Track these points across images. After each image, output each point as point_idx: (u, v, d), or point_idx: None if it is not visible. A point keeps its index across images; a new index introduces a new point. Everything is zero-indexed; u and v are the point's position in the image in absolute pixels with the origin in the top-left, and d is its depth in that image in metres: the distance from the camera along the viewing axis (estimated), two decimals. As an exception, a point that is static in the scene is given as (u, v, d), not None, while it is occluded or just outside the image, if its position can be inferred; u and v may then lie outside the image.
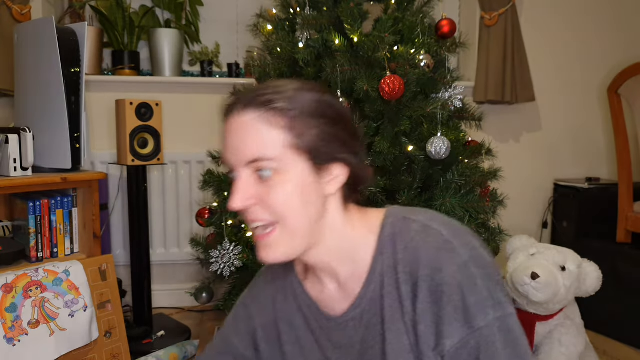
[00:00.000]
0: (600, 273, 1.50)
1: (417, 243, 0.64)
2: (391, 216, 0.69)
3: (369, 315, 0.68)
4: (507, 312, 0.62)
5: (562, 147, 2.55)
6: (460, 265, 0.61)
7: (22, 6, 1.92)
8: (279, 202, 0.63)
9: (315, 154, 0.63)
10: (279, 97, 0.63)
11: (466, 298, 0.60)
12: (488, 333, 0.60)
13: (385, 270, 0.66)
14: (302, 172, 0.63)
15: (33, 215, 1.59)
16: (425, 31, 1.50)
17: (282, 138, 0.62)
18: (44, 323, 1.35)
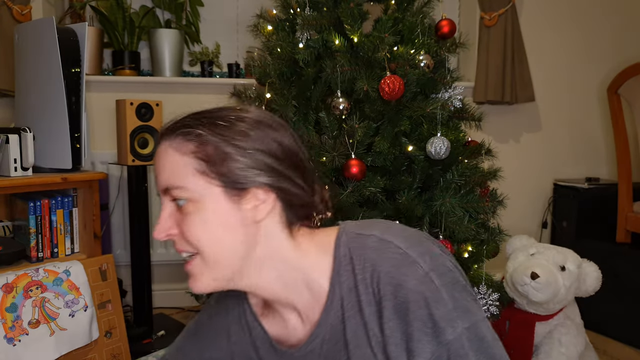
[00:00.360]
0: (600, 273, 1.51)
1: (374, 260, 0.60)
2: (344, 234, 0.64)
3: (330, 344, 0.64)
4: (476, 319, 0.59)
5: (562, 147, 2.56)
6: (421, 277, 0.58)
7: (22, 6, 1.92)
8: (194, 231, 0.60)
9: (229, 179, 0.59)
10: (192, 122, 0.61)
11: (432, 311, 0.57)
12: (458, 345, 0.57)
13: (344, 293, 0.62)
14: (217, 199, 0.59)
15: (33, 215, 1.59)
16: (425, 31, 1.51)
17: (191, 165, 0.59)
18: (44, 323, 1.35)
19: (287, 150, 0.62)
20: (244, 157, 0.59)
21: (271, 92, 1.53)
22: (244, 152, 0.59)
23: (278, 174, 0.61)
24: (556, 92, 2.51)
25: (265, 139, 0.61)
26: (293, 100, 1.49)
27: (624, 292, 1.91)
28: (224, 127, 0.60)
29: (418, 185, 1.46)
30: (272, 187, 0.61)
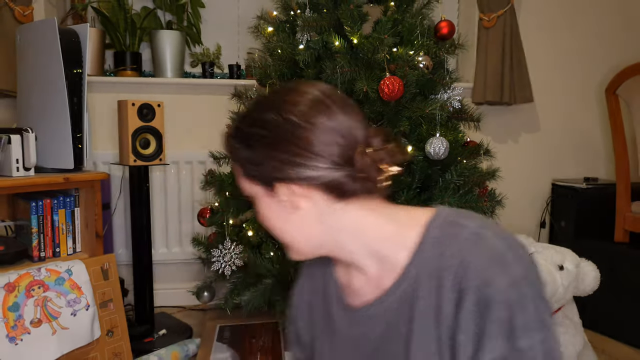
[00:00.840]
0: (598, 272, 1.51)
1: (467, 252, 0.61)
2: (439, 218, 0.66)
3: (394, 313, 0.67)
4: (550, 335, 0.60)
5: (560, 148, 2.56)
6: (513, 281, 0.59)
7: (24, 7, 1.93)
8: (261, 220, 0.71)
9: (259, 180, 0.67)
10: (233, 131, 0.69)
11: (514, 317, 0.58)
12: (531, 355, 0.58)
13: (423, 272, 0.64)
14: (261, 196, 0.69)
15: (35, 215, 1.60)
16: (424, 33, 1.52)
17: (237, 169, 0.70)
18: (46, 322, 1.36)
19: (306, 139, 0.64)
20: (260, 159, 0.66)
21: (272, 93, 1.53)
22: (253, 157, 0.66)
23: (296, 166, 0.64)
24: (554, 93, 2.52)
25: (286, 135, 0.64)
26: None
27: (622, 291, 1.92)
28: (244, 132, 0.67)
29: (417, 185, 1.47)
30: (292, 180, 0.65)
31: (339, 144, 0.64)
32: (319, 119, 0.64)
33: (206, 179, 1.76)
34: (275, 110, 0.65)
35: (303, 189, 0.65)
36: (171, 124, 2.17)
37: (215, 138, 2.19)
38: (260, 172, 0.66)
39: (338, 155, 0.64)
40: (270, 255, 1.46)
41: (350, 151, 0.64)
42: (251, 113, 0.69)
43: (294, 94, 0.67)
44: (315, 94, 0.66)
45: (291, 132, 0.64)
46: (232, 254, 1.54)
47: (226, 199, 1.64)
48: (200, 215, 1.76)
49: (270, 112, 0.65)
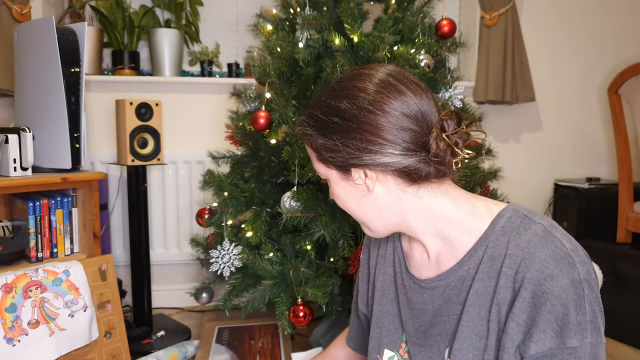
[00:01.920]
0: (601, 273, 1.50)
1: (535, 245, 0.63)
2: (511, 210, 0.68)
3: (453, 291, 0.70)
4: (601, 340, 0.62)
5: (562, 147, 2.55)
6: (575, 281, 0.60)
7: (22, 6, 1.92)
8: (337, 201, 0.75)
9: (336, 164, 0.70)
10: (302, 122, 0.73)
11: (570, 314, 0.59)
12: (579, 355, 0.60)
13: (486, 257, 0.66)
14: (336, 179, 0.72)
15: (33, 215, 1.58)
16: (425, 31, 1.50)
17: (313, 155, 0.74)
18: (44, 323, 1.35)
19: (376, 126, 0.66)
20: (337, 146, 0.68)
21: (271, 92, 1.52)
22: (338, 141, 0.68)
23: (370, 153, 0.67)
24: (557, 92, 2.51)
25: (356, 122, 0.67)
26: (293, 99, 1.49)
27: (625, 292, 1.91)
28: (321, 120, 0.70)
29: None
30: (367, 165, 0.68)
31: (412, 130, 0.65)
32: (392, 106, 0.65)
33: (204, 179, 1.75)
34: (348, 99, 0.67)
35: (377, 174, 0.68)
36: (169, 124, 2.16)
37: (214, 137, 2.19)
38: (335, 158, 0.69)
39: (412, 141, 0.66)
40: (270, 256, 1.45)
41: (424, 136, 0.66)
42: (325, 101, 0.70)
43: (366, 79, 0.68)
44: (386, 79, 0.68)
45: (365, 120, 0.66)
46: (230, 255, 1.53)
47: (225, 200, 1.63)
48: (199, 215, 1.74)
49: (343, 101, 0.67)
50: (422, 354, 0.74)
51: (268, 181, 1.62)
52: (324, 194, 1.43)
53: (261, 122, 1.45)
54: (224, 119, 1.89)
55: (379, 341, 0.81)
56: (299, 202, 1.40)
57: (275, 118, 1.46)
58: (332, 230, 1.35)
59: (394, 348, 0.79)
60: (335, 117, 0.68)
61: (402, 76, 0.68)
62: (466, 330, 0.67)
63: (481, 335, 0.66)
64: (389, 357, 0.80)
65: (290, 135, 1.45)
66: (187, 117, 2.21)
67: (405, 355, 0.77)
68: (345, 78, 0.71)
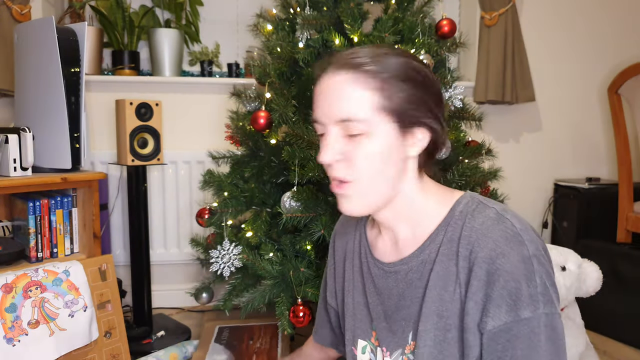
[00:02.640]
0: (601, 273, 1.50)
1: (487, 227, 0.66)
2: (468, 197, 0.72)
3: (415, 274, 0.72)
4: (556, 311, 0.64)
5: (562, 147, 2.55)
6: (525, 257, 0.63)
7: (22, 6, 1.92)
8: (362, 161, 0.67)
9: (402, 116, 0.67)
10: (370, 60, 0.67)
11: (521, 287, 0.62)
12: (534, 325, 0.62)
13: (445, 240, 0.69)
14: (387, 134, 0.67)
15: (33, 215, 1.58)
16: (425, 31, 1.50)
17: (372, 100, 0.66)
18: (44, 323, 1.35)
19: (440, 95, 0.71)
20: (416, 99, 0.67)
21: (271, 92, 1.52)
22: (417, 94, 0.67)
23: (437, 117, 0.69)
24: (557, 92, 2.51)
25: (431, 84, 0.69)
26: (293, 99, 1.49)
27: (625, 292, 1.91)
28: (401, 70, 0.67)
29: (418, 185, 1.46)
30: (430, 127, 0.69)
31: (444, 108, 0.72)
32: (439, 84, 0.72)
33: (204, 179, 1.75)
34: (421, 63, 0.70)
35: (427, 139, 0.69)
36: (169, 124, 2.16)
37: (214, 137, 2.19)
38: (411, 111, 0.67)
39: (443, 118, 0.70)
40: (270, 256, 1.45)
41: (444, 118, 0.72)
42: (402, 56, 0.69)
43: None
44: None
45: (438, 87, 0.70)
46: (230, 255, 1.53)
47: (225, 200, 1.63)
48: (199, 215, 1.74)
49: (418, 63, 0.69)
50: (388, 339, 0.76)
51: (268, 181, 1.62)
52: (324, 194, 1.43)
53: (261, 122, 1.45)
54: (224, 119, 1.89)
55: (353, 332, 0.84)
56: (299, 202, 1.40)
57: (275, 118, 1.46)
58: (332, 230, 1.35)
59: (366, 337, 0.81)
60: (416, 73, 0.68)
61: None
62: (428, 312, 0.69)
63: (442, 316, 0.68)
64: (363, 347, 0.82)
65: (290, 135, 1.45)
66: (187, 117, 2.21)
67: (376, 343, 0.79)
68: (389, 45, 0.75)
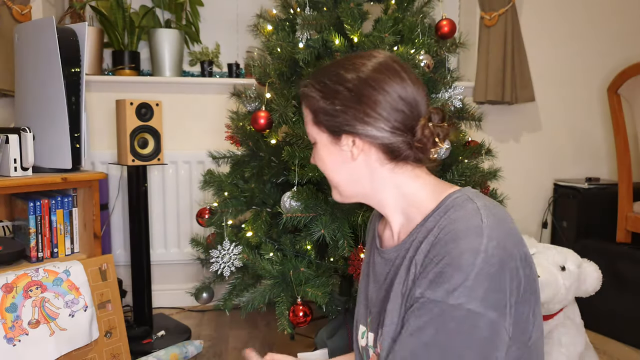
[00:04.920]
0: (600, 273, 1.50)
1: (459, 218, 0.68)
2: (459, 193, 0.74)
3: (399, 261, 0.75)
4: (483, 312, 0.62)
5: (562, 147, 2.55)
6: (473, 249, 0.63)
7: (22, 6, 1.92)
8: (320, 165, 0.81)
9: (328, 128, 0.76)
10: (309, 83, 0.78)
11: (451, 273, 0.63)
12: (445, 310, 0.62)
13: (423, 230, 0.72)
14: (325, 143, 0.78)
15: (33, 215, 1.59)
16: (425, 31, 1.50)
17: (309, 116, 0.79)
18: (44, 323, 1.35)
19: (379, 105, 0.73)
20: (336, 111, 0.74)
21: (271, 92, 1.52)
22: (330, 108, 0.74)
23: (364, 124, 0.73)
24: (556, 92, 2.51)
25: (359, 93, 0.73)
26: (293, 100, 1.49)
27: (624, 292, 1.91)
28: (327, 86, 0.75)
29: (418, 185, 1.46)
30: (358, 134, 0.74)
31: (405, 113, 0.73)
32: (393, 87, 0.73)
33: (205, 179, 1.75)
34: (356, 72, 0.74)
35: (364, 144, 0.74)
36: (170, 124, 2.16)
37: (214, 137, 2.19)
38: (330, 122, 0.75)
39: (402, 122, 0.73)
40: (270, 256, 1.45)
41: (413, 121, 0.73)
42: (333, 70, 0.76)
43: (373, 59, 0.75)
44: (392, 64, 0.75)
45: (366, 94, 0.73)
46: (231, 255, 1.53)
47: (225, 199, 1.63)
48: (199, 215, 1.75)
49: (351, 73, 0.74)
50: (373, 323, 0.80)
51: (268, 181, 1.62)
52: (324, 194, 1.43)
53: (261, 122, 1.45)
54: (224, 119, 1.89)
55: (357, 319, 0.88)
56: (299, 202, 1.40)
57: (275, 118, 1.46)
58: (332, 230, 1.35)
59: (364, 322, 0.85)
60: (340, 85, 0.74)
61: (406, 66, 0.76)
62: (395, 293, 0.72)
63: (404, 296, 0.71)
64: (362, 332, 0.85)
65: (290, 135, 1.46)
66: (187, 117, 2.21)
67: (368, 328, 0.83)
68: (355, 55, 0.77)
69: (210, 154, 1.84)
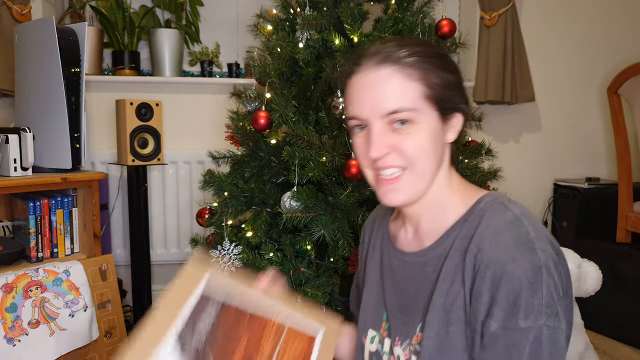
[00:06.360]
0: (600, 273, 1.50)
1: (501, 229, 0.66)
2: (490, 197, 0.72)
3: (430, 268, 0.72)
4: (560, 325, 0.63)
5: (562, 147, 2.55)
6: (535, 266, 0.62)
7: (22, 6, 1.92)
8: (413, 149, 0.68)
9: (442, 103, 0.69)
10: (408, 52, 0.69)
11: (525, 296, 0.61)
12: (532, 335, 0.61)
13: (459, 237, 0.70)
14: (432, 121, 0.69)
15: (33, 215, 1.59)
16: (425, 31, 1.50)
17: (416, 90, 0.68)
18: (44, 323, 1.35)
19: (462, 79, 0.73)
20: (453, 85, 0.70)
21: (271, 92, 1.52)
22: (452, 80, 0.70)
23: (466, 101, 0.73)
24: (556, 92, 2.51)
25: (459, 70, 0.73)
26: (293, 100, 1.49)
27: (625, 292, 1.91)
28: (438, 59, 0.70)
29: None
30: (464, 112, 0.72)
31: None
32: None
33: (205, 179, 1.75)
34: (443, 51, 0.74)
35: (461, 123, 0.72)
36: (169, 124, 2.16)
37: (214, 138, 2.19)
38: (449, 98, 0.70)
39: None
40: (270, 256, 1.45)
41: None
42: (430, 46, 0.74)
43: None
44: None
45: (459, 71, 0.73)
46: (231, 255, 1.53)
47: (225, 200, 1.63)
48: (199, 215, 1.74)
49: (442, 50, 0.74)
50: (399, 329, 0.77)
51: (268, 181, 1.62)
52: (324, 194, 1.43)
53: (261, 122, 1.45)
54: (224, 119, 1.89)
55: (364, 323, 0.85)
56: (299, 202, 1.40)
57: (275, 118, 1.46)
58: (332, 230, 1.35)
59: (376, 327, 0.82)
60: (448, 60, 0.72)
61: None
62: (435, 305, 0.70)
63: (447, 309, 0.69)
64: (372, 337, 0.82)
65: (290, 135, 1.45)
66: (187, 117, 2.21)
67: (385, 333, 0.80)
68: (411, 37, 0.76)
69: (210, 154, 1.84)
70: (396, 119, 0.68)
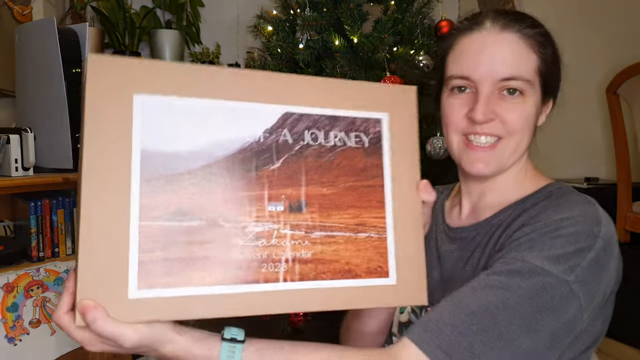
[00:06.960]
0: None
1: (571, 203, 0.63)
2: (560, 184, 0.70)
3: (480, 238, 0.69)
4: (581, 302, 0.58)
5: (561, 147, 2.56)
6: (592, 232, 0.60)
7: (23, 7, 1.93)
8: (517, 121, 0.66)
9: (547, 82, 0.70)
10: (533, 23, 0.70)
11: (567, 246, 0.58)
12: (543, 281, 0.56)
13: (519, 209, 0.67)
14: (537, 98, 0.69)
15: (34, 215, 1.59)
16: (424, 32, 1.51)
17: (535, 62, 0.68)
18: (45, 322, 1.35)
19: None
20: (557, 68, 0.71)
21: (271, 93, 1.53)
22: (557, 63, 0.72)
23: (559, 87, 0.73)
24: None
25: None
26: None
27: (624, 292, 1.90)
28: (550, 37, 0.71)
29: (418, 185, 1.46)
30: (555, 98, 0.74)
31: None
32: None
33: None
34: None
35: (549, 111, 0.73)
36: (170, 124, 2.16)
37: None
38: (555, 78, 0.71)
39: None
40: (270, 255, 1.45)
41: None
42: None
43: None
44: None
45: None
46: (231, 255, 1.54)
47: (226, 199, 1.63)
48: (200, 215, 1.75)
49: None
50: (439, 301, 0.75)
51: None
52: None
53: (261, 122, 1.46)
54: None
55: None
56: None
57: (275, 118, 1.46)
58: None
59: None
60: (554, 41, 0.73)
61: None
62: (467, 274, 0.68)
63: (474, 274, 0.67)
64: (402, 307, 0.81)
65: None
66: (187, 118, 2.21)
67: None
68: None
69: (211, 154, 1.84)
70: (508, 86, 0.65)
